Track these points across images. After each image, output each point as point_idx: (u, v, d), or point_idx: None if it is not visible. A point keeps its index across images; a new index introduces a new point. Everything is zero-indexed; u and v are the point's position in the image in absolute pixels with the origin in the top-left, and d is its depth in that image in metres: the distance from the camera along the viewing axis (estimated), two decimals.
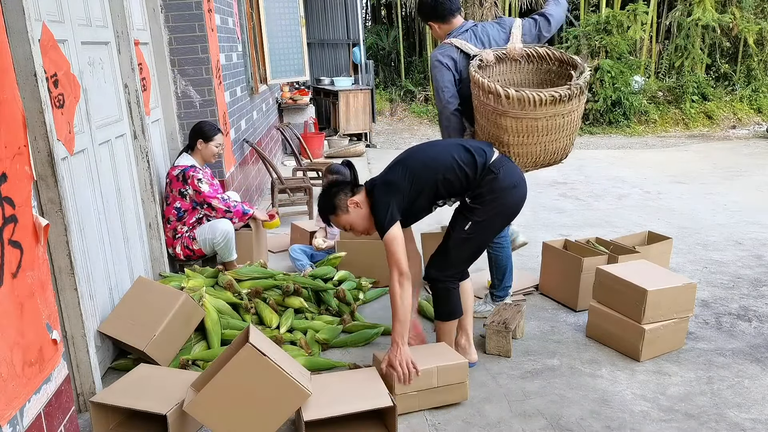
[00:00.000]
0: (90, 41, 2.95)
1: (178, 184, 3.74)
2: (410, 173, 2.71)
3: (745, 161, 8.20)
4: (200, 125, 3.94)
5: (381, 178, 2.79)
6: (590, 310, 3.26)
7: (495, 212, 2.77)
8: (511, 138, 2.84)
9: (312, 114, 9.42)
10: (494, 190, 2.73)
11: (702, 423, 2.52)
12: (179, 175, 3.74)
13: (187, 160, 3.84)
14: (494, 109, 2.78)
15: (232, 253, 3.89)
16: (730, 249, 4.63)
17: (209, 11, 4.39)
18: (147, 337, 2.79)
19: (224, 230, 3.78)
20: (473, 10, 11.77)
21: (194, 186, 3.72)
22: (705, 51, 11.48)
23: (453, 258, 2.84)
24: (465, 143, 2.83)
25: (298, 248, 4.17)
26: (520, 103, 2.69)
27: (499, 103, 2.74)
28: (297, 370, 2.36)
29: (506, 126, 2.80)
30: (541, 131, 2.79)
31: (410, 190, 2.70)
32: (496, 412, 2.62)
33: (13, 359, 1.73)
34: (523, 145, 2.86)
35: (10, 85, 1.84)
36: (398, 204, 2.67)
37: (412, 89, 13.07)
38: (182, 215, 3.80)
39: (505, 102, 2.72)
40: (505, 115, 2.76)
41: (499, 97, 2.72)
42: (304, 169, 6.43)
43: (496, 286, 3.56)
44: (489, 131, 2.92)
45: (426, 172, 2.72)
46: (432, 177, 2.72)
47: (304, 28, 7.59)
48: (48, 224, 1.98)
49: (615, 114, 10.80)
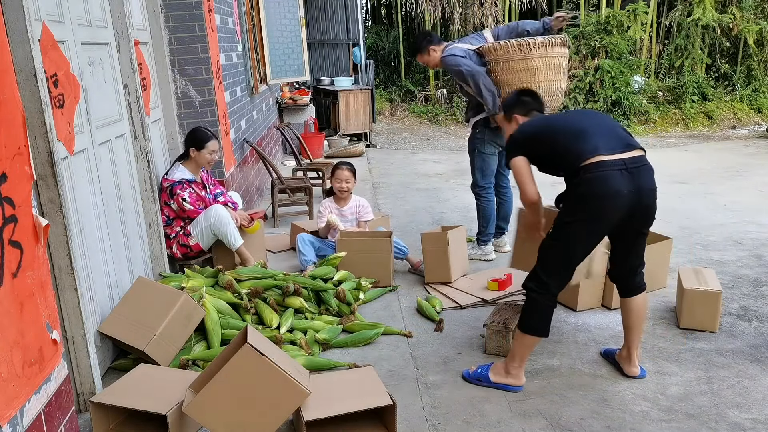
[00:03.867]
0: (90, 41, 2.95)
1: (165, 196, 3.81)
2: (539, 129, 2.82)
3: (745, 161, 8.20)
4: (192, 132, 3.93)
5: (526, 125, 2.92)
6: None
7: (571, 219, 2.57)
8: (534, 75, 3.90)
9: (312, 114, 9.42)
10: (570, 195, 2.60)
11: (702, 423, 2.52)
12: (168, 188, 3.80)
13: (179, 173, 3.84)
14: (512, 58, 3.92)
15: (236, 237, 3.85)
16: (730, 249, 4.63)
17: (209, 11, 4.39)
18: (147, 337, 2.79)
19: (216, 211, 3.80)
20: (473, 11, 11.78)
21: (178, 203, 3.80)
22: (705, 51, 11.48)
23: (539, 267, 2.66)
24: (614, 130, 2.66)
25: (306, 238, 4.12)
26: (527, 46, 3.87)
27: (518, 51, 3.89)
28: (296, 370, 2.36)
29: (528, 68, 3.89)
30: (542, 70, 3.91)
31: (535, 145, 2.77)
32: (496, 412, 2.61)
33: (13, 359, 1.73)
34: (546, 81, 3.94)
35: (10, 85, 1.84)
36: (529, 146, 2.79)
37: (412, 89, 13.06)
38: (170, 221, 3.88)
39: (522, 49, 3.88)
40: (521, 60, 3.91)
41: (518, 47, 3.87)
42: (304, 169, 6.43)
43: (481, 233, 4.44)
44: (512, 80, 3.94)
45: (546, 135, 2.76)
46: (548, 143, 2.73)
47: (304, 28, 7.59)
48: (48, 224, 1.98)
49: (615, 114, 10.79)
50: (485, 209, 4.40)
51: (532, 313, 2.67)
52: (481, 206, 4.41)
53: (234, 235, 3.83)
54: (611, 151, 2.54)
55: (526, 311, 2.70)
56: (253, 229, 4.06)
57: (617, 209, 2.53)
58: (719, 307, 3.26)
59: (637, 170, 2.55)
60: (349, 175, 4.19)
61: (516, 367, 2.75)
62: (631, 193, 2.51)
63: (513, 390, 2.75)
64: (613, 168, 2.50)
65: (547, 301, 2.65)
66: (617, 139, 2.62)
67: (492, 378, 2.78)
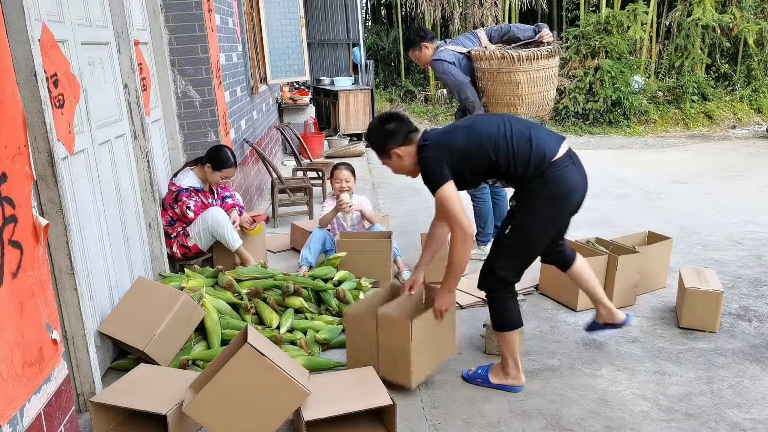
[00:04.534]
0: (90, 41, 2.95)
1: (169, 199, 3.82)
2: (465, 142, 2.60)
3: (745, 161, 8.20)
4: (217, 150, 3.91)
5: (436, 136, 2.67)
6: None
7: (534, 220, 2.61)
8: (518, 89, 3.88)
9: (312, 114, 9.41)
10: (536, 195, 2.59)
11: (702, 423, 2.52)
12: (174, 193, 3.82)
13: (188, 180, 3.87)
14: (498, 69, 3.90)
15: (234, 238, 3.85)
16: (730, 249, 4.63)
17: (209, 11, 4.39)
18: (147, 337, 2.79)
19: (212, 214, 3.81)
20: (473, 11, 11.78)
21: (182, 210, 3.81)
22: (705, 51, 11.47)
23: (494, 264, 2.68)
24: (534, 131, 2.63)
25: (318, 236, 4.10)
26: (511, 59, 3.84)
27: (502, 63, 3.87)
28: (296, 370, 2.36)
29: (511, 81, 3.87)
30: (525, 83, 3.90)
31: (459, 159, 2.59)
32: (496, 412, 2.61)
33: (13, 359, 1.73)
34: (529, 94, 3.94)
35: (10, 85, 1.84)
36: (449, 165, 2.58)
37: (412, 89, 13.07)
38: (173, 222, 3.89)
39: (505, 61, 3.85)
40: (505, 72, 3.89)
41: (502, 59, 3.85)
42: (304, 169, 6.43)
43: (480, 233, 4.47)
44: (497, 91, 3.97)
45: (479, 150, 2.59)
46: (485, 155, 2.58)
47: (304, 28, 7.58)
48: (48, 224, 1.98)
49: (615, 114, 10.80)
50: (481, 210, 4.45)
51: (503, 311, 2.72)
52: (477, 208, 4.45)
53: (232, 236, 3.84)
54: (558, 148, 2.60)
55: (496, 311, 2.74)
56: (254, 231, 4.06)
57: (578, 203, 2.67)
58: (720, 308, 3.26)
59: (579, 162, 2.68)
60: (348, 174, 4.19)
61: (512, 367, 2.75)
62: (584, 186, 2.67)
63: (513, 390, 2.75)
64: (567, 164, 2.60)
65: (511, 294, 2.72)
66: (551, 134, 2.69)
67: (492, 380, 2.78)
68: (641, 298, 3.72)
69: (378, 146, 2.75)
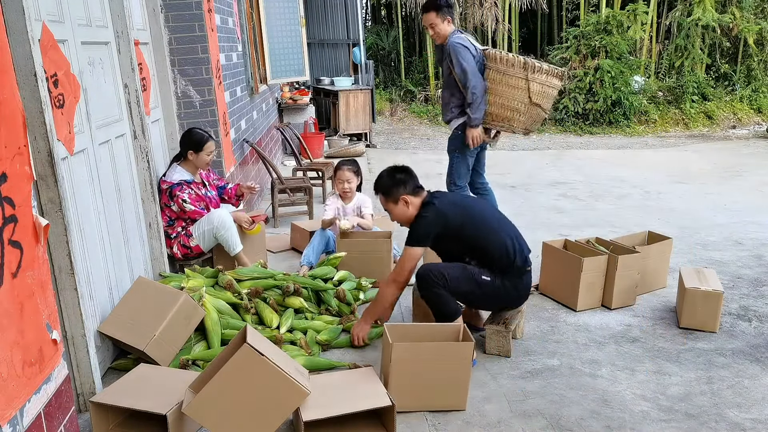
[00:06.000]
0: (90, 41, 2.95)
1: (165, 198, 3.79)
2: (465, 225, 2.94)
3: (745, 161, 8.20)
4: (189, 134, 3.86)
5: (442, 203, 2.97)
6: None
7: (489, 289, 2.97)
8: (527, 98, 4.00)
9: (312, 114, 9.41)
10: (508, 285, 2.99)
11: (702, 423, 2.52)
12: (167, 190, 3.77)
13: (177, 175, 3.81)
14: (513, 74, 4.01)
15: (236, 242, 3.85)
16: (730, 249, 4.63)
17: (209, 11, 4.39)
18: (147, 337, 2.79)
19: (219, 215, 3.80)
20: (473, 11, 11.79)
21: (179, 205, 3.77)
22: (705, 51, 11.48)
23: (442, 272, 2.93)
24: (516, 235, 3.04)
25: (321, 238, 4.12)
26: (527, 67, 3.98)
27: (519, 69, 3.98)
28: (295, 370, 2.36)
29: (521, 87, 4.00)
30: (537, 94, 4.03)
31: (446, 236, 2.94)
32: (496, 412, 2.61)
33: (13, 359, 1.73)
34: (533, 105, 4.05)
35: (10, 85, 1.84)
36: (436, 236, 2.94)
37: (412, 89, 13.07)
38: (172, 222, 3.86)
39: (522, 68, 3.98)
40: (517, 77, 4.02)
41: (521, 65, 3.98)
42: (304, 169, 6.43)
43: None
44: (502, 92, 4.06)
45: (477, 239, 2.95)
46: (481, 245, 2.95)
47: (304, 28, 7.58)
48: (48, 224, 1.98)
49: (615, 114, 10.81)
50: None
51: (447, 304, 2.94)
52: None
53: (235, 240, 3.85)
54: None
55: (439, 305, 2.95)
56: (253, 231, 4.06)
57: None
58: (720, 308, 3.26)
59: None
60: (350, 175, 4.19)
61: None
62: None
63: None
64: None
65: (444, 291, 2.95)
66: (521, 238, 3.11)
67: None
68: (641, 298, 3.72)
69: (387, 191, 3.05)
